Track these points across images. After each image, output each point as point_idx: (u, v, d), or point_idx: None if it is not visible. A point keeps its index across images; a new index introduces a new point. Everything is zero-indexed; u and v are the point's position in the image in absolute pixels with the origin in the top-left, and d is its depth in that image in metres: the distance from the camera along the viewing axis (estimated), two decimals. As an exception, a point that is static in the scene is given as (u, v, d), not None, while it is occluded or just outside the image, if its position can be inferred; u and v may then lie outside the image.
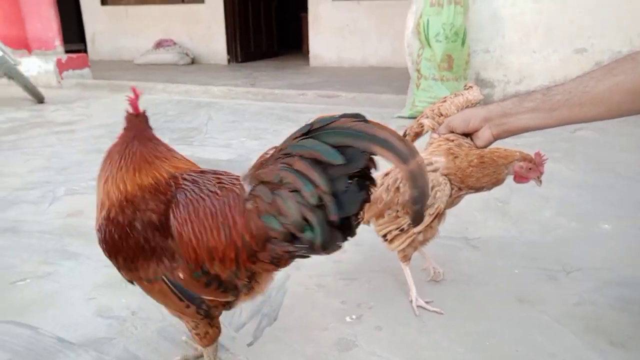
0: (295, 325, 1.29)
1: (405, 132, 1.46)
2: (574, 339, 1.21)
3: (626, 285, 1.45)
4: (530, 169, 1.19)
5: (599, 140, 3.08)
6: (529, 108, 1.18)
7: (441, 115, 1.40)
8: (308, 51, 7.95)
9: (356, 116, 0.78)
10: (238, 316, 1.33)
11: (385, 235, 1.37)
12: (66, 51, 6.35)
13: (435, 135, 1.36)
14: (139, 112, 0.99)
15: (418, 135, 1.45)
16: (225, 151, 3.04)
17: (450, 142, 1.29)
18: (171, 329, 1.27)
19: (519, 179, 1.22)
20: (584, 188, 2.26)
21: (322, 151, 0.78)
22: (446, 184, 1.24)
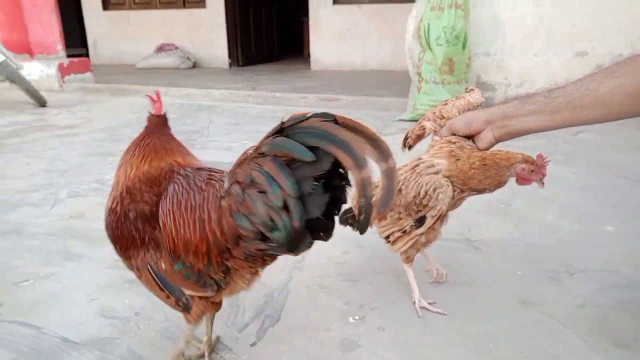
0: (298, 325, 1.30)
1: (407, 135, 1.46)
2: (577, 341, 1.21)
3: (630, 286, 1.45)
4: (532, 171, 1.19)
5: (601, 143, 3.08)
6: (531, 110, 1.18)
7: (443, 117, 1.41)
8: (309, 55, 7.97)
9: (324, 116, 0.78)
10: (241, 317, 1.33)
11: (387, 237, 1.37)
12: (68, 55, 6.38)
13: (437, 138, 1.36)
14: (160, 114, 1.09)
15: (420, 137, 1.45)
16: (226, 154, 3.05)
17: (452, 145, 1.30)
18: (174, 329, 1.27)
19: (521, 181, 1.22)
20: (587, 190, 2.26)
21: (293, 149, 0.78)
22: (448, 186, 1.24)
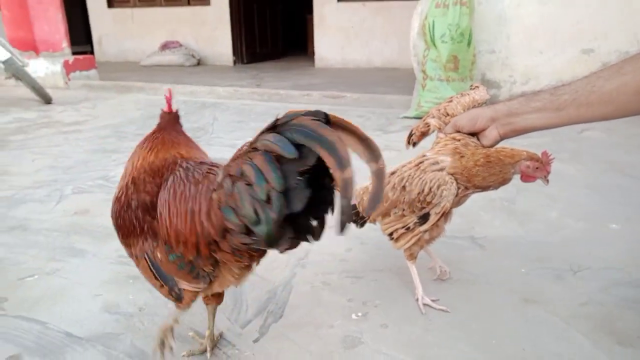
0: (301, 322, 1.30)
1: (411, 132, 1.46)
2: (581, 339, 1.20)
3: (634, 285, 1.44)
4: (537, 168, 1.18)
5: (606, 141, 3.06)
6: (536, 108, 1.17)
7: (447, 115, 1.40)
8: (313, 52, 7.96)
9: (315, 114, 0.78)
10: (244, 313, 1.33)
11: (391, 234, 1.37)
12: (73, 53, 6.40)
13: (441, 135, 1.36)
14: (172, 111, 1.14)
15: (424, 134, 1.45)
16: (231, 151, 2.99)
17: (457, 142, 1.29)
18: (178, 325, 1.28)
19: (526, 178, 1.21)
20: (591, 188, 2.25)
21: (280, 145, 0.79)
22: (452, 183, 1.24)
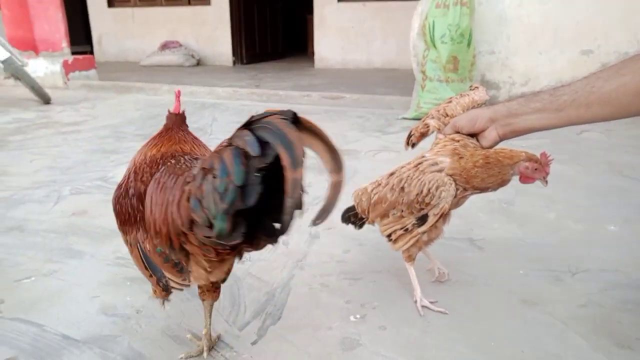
0: (300, 324, 1.29)
1: (411, 133, 1.46)
2: (580, 340, 1.20)
3: (633, 287, 1.44)
4: (536, 169, 1.18)
5: (605, 142, 3.06)
6: (536, 108, 1.17)
7: (447, 115, 1.40)
8: (313, 53, 7.96)
9: (284, 114, 0.80)
10: (242, 315, 1.33)
11: (389, 235, 1.36)
12: (73, 53, 6.40)
13: (440, 136, 1.35)
14: (178, 112, 1.19)
15: (423, 135, 1.44)
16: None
17: (456, 143, 1.29)
18: (175, 327, 1.27)
19: (525, 179, 1.21)
20: (590, 189, 2.25)
21: (247, 141, 0.80)
22: (451, 184, 1.23)
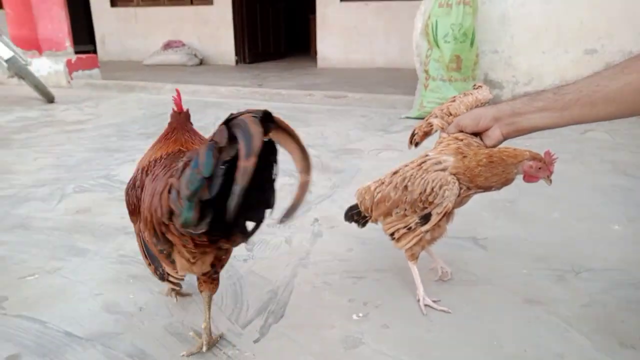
0: (302, 322, 1.29)
1: (414, 132, 1.45)
2: (583, 340, 1.20)
3: (636, 286, 1.43)
4: (540, 168, 1.17)
5: (609, 141, 3.05)
6: (540, 107, 1.16)
7: (450, 114, 1.40)
8: (316, 52, 7.96)
9: (255, 112, 0.82)
10: (245, 313, 1.33)
11: (392, 234, 1.36)
12: (76, 52, 6.42)
13: (444, 135, 1.35)
14: (182, 110, 1.22)
15: (427, 134, 1.44)
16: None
17: (459, 142, 1.28)
18: (178, 325, 1.28)
19: (529, 178, 1.20)
20: (594, 189, 2.24)
21: (218, 135, 0.83)
22: (454, 183, 1.23)
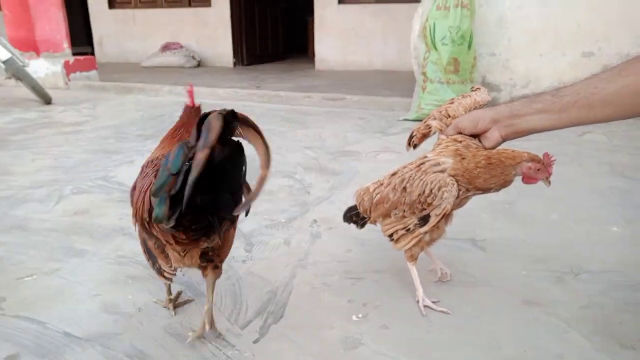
0: (302, 323, 1.29)
1: (412, 134, 1.46)
2: (582, 341, 1.20)
3: (635, 288, 1.44)
4: (539, 169, 1.18)
5: (607, 143, 3.06)
6: (538, 109, 1.17)
7: (449, 116, 1.40)
8: (314, 54, 7.97)
9: (222, 111, 0.85)
10: (244, 314, 1.33)
11: (391, 236, 1.36)
12: (74, 54, 6.40)
13: (443, 137, 1.36)
14: (194, 105, 1.24)
15: (425, 137, 1.44)
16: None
17: (458, 144, 1.29)
18: (177, 326, 1.27)
19: (528, 180, 1.21)
20: (593, 191, 2.25)
21: (192, 135, 0.87)
22: (453, 185, 1.23)
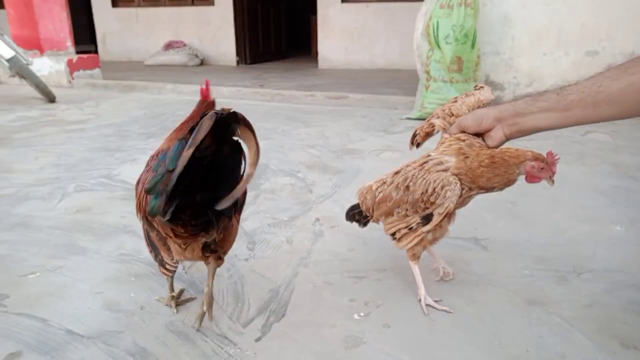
0: (303, 321, 1.29)
1: (415, 132, 1.45)
2: (584, 340, 1.19)
3: (638, 287, 1.43)
4: (542, 168, 1.17)
5: (611, 143, 3.05)
6: (542, 108, 1.16)
7: (452, 115, 1.40)
8: (317, 53, 7.96)
9: (218, 111, 0.87)
10: (246, 312, 1.33)
11: (394, 234, 1.36)
12: (77, 52, 6.42)
13: (446, 135, 1.35)
14: (208, 99, 1.25)
15: (428, 135, 1.44)
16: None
17: (461, 142, 1.28)
18: (179, 323, 1.27)
19: (531, 179, 1.20)
20: (596, 190, 2.24)
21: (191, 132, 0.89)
22: (456, 184, 1.23)
